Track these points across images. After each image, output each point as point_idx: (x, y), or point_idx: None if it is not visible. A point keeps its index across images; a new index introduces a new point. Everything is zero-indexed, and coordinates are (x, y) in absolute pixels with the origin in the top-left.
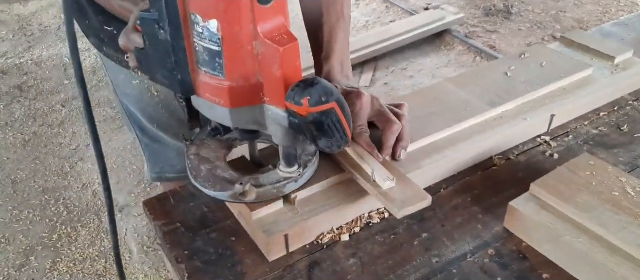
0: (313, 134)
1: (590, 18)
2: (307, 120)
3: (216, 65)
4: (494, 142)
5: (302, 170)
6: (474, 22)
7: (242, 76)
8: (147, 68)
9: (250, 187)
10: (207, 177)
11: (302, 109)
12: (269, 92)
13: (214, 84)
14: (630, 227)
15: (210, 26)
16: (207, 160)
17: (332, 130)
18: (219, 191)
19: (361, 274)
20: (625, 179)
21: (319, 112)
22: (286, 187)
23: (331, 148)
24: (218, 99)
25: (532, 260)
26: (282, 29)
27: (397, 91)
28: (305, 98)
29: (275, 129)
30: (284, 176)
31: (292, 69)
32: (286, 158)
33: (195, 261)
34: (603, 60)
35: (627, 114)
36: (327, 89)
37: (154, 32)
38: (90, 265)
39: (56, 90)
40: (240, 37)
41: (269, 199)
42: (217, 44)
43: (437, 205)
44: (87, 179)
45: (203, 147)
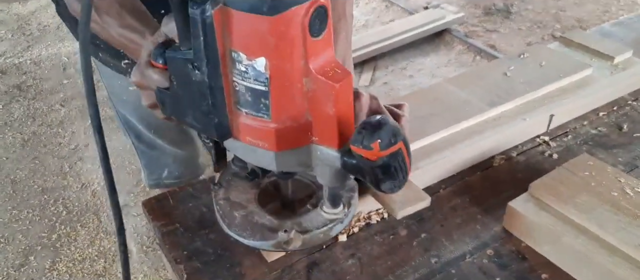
0: (377, 178)
1: (590, 17)
2: (374, 165)
3: (261, 107)
4: (493, 142)
5: (347, 210)
6: (473, 22)
7: (290, 117)
8: (173, 109)
9: (296, 233)
10: (243, 225)
11: (372, 153)
12: (319, 132)
13: (257, 126)
14: (629, 228)
15: (257, 65)
16: (239, 205)
17: (397, 171)
18: (260, 241)
19: (360, 274)
20: (624, 179)
21: (388, 155)
22: (333, 229)
23: (393, 190)
24: (262, 142)
25: (531, 260)
26: (333, 63)
27: (397, 91)
28: (376, 142)
29: (324, 170)
30: (330, 218)
31: (346, 106)
32: (332, 199)
33: (194, 262)
34: (602, 60)
35: (626, 114)
36: (395, 129)
37: (185, 72)
38: (90, 265)
39: (55, 90)
40: (291, 75)
41: (317, 244)
42: (264, 84)
43: (436, 205)
44: (86, 179)
45: (231, 189)
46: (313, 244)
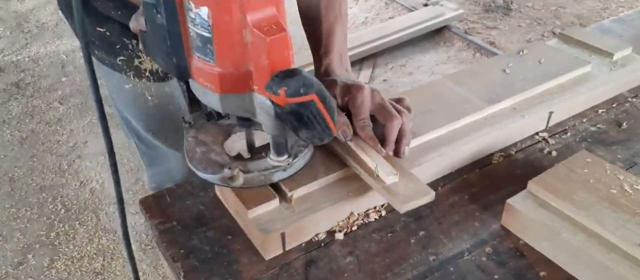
0: (293, 125)
1: (590, 14)
2: (285, 110)
3: (207, 51)
4: (491, 139)
5: (291, 160)
6: (473, 18)
7: (231, 63)
8: (149, 50)
9: (239, 172)
10: (201, 160)
11: (279, 99)
12: (258, 81)
13: (205, 70)
14: (627, 225)
15: (202, 13)
16: (203, 143)
17: (312, 122)
18: (210, 174)
19: (358, 272)
20: (623, 177)
21: (297, 104)
22: (274, 175)
23: (313, 140)
24: (209, 84)
25: (529, 257)
26: (272, 19)
27: (396, 88)
28: (282, 88)
29: (264, 118)
30: (273, 164)
31: (280, 59)
32: (275, 147)
33: (191, 259)
34: (601, 57)
35: (625, 111)
36: (307, 81)
37: (153, 16)
38: (88, 263)
39: (53, 88)
40: (230, 25)
41: (256, 185)
42: (208, 31)
43: (434, 203)
44: (84, 177)
45: (202, 130)
46: (253, 184)
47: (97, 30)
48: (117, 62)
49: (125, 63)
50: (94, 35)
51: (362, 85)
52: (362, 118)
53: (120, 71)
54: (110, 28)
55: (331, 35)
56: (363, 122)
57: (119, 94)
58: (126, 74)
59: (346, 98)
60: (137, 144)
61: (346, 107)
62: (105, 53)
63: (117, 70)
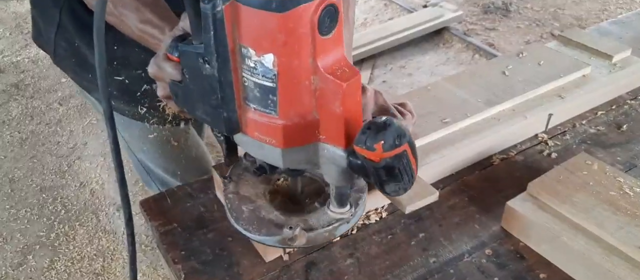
0: (381, 179)
1: (589, 15)
2: (377, 166)
3: (269, 103)
4: (491, 141)
5: (353, 210)
6: (472, 20)
7: (297, 114)
8: (184, 102)
9: (301, 231)
10: (250, 220)
11: (374, 154)
12: (326, 130)
13: (264, 122)
14: (627, 227)
15: (265, 61)
16: (247, 199)
17: (401, 174)
18: (266, 236)
19: (358, 274)
20: (622, 179)
21: (392, 157)
22: (338, 229)
23: (397, 192)
24: (269, 138)
25: (529, 260)
26: (342, 62)
27: (396, 89)
28: (379, 143)
29: (330, 169)
30: (336, 217)
31: (354, 105)
32: (339, 198)
33: (192, 261)
34: (601, 59)
35: (624, 113)
36: (400, 131)
37: (196, 65)
38: (88, 264)
39: (53, 88)
40: (299, 72)
41: (320, 242)
42: (272, 80)
43: (435, 205)
44: (84, 178)
45: (241, 183)
46: (317, 243)
47: (115, 80)
48: (139, 111)
49: (147, 111)
50: (110, 85)
51: (366, 88)
52: (364, 120)
53: (142, 120)
54: (129, 75)
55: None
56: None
57: (142, 145)
58: (149, 123)
59: None
60: (160, 188)
61: None
62: (125, 103)
63: (139, 119)
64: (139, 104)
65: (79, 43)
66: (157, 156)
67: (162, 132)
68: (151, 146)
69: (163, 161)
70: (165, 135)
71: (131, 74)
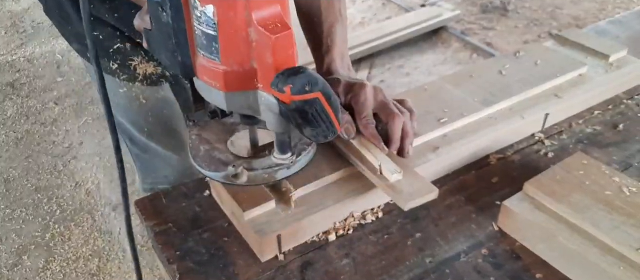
0: (297, 122)
1: (587, 15)
2: (290, 108)
3: (212, 49)
4: (488, 141)
5: (295, 158)
6: (470, 19)
7: (236, 61)
8: (153, 49)
9: (242, 169)
10: (204, 158)
11: (284, 96)
12: (262, 79)
13: (210, 67)
14: (622, 227)
15: (207, 11)
16: (207, 142)
17: (316, 120)
18: (213, 172)
19: (354, 274)
20: (618, 178)
21: (302, 101)
22: (278, 172)
23: (317, 137)
24: (214, 82)
25: (526, 259)
26: (277, 18)
27: (394, 88)
28: (287, 86)
29: (268, 116)
30: (277, 162)
31: (285, 57)
32: (279, 145)
33: (187, 262)
34: (597, 59)
35: (621, 113)
36: (312, 78)
37: (158, 14)
38: (84, 264)
39: (49, 88)
40: (235, 23)
41: (260, 183)
42: (213, 29)
43: (431, 204)
44: (80, 177)
45: (206, 129)
46: (257, 182)
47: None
48: (110, 66)
49: (118, 67)
50: (86, 39)
51: (365, 83)
52: (364, 116)
53: (113, 75)
54: (103, 31)
55: (331, 34)
56: (366, 120)
57: (113, 98)
58: (120, 78)
59: (349, 96)
60: (129, 147)
61: (349, 105)
62: (100, 57)
63: (110, 74)
64: (110, 59)
65: None
66: (127, 111)
67: (131, 88)
68: (120, 100)
69: (132, 116)
70: (135, 92)
71: (105, 30)
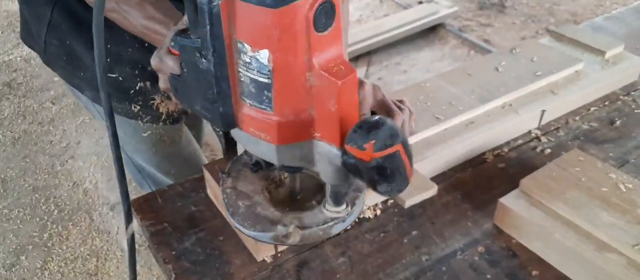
0: (373, 179)
1: (584, 11)
2: (369, 166)
3: (264, 99)
4: (484, 138)
5: (350, 209)
6: (467, 16)
7: (292, 111)
8: (183, 96)
9: (295, 229)
10: (246, 215)
11: (365, 153)
12: (322, 128)
13: (260, 118)
14: (619, 223)
15: (260, 56)
16: (245, 195)
17: (394, 174)
18: (260, 232)
19: (350, 273)
20: (614, 175)
21: (383, 157)
22: (333, 228)
23: (391, 193)
24: (264, 134)
25: (522, 257)
26: (339, 59)
27: (391, 86)
28: (370, 142)
29: (325, 167)
30: (331, 216)
31: (349, 103)
32: (334, 197)
33: (183, 261)
34: (594, 55)
35: (617, 109)
36: (393, 130)
37: (194, 60)
38: (82, 264)
39: (46, 87)
40: (294, 69)
41: (314, 241)
42: (267, 76)
43: (427, 202)
44: (77, 177)
45: (239, 179)
46: (311, 241)
47: (109, 77)
48: (132, 109)
49: (141, 109)
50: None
51: (364, 82)
52: (362, 114)
53: (136, 118)
54: (123, 72)
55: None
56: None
57: (136, 143)
58: (143, 121)
59: None
60: (151, 187)
61: None
62: (118, 101)
63: (133, 117)
64: (132, 101)
65: (70, 41)
66: (150, 155)
67: (155, 130)
68: (144, 144)
69: (156, 159)
70: (159, 134)
71: (125, 70)
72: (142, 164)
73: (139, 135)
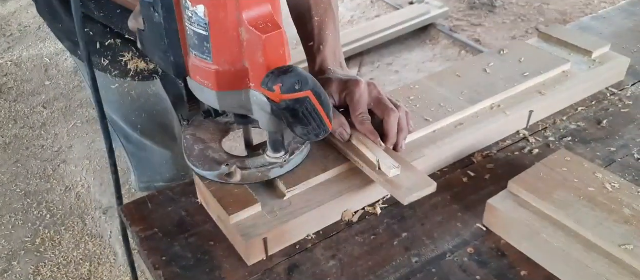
0: (289, 121)
1: (573, 10)
2: (280, 107)
3: (204, 49)
4: (473, 139)
5: (288, 157)
6: (458, 16)
7: (228, 61)
8: (147, 49)
9: (236, 168)
10: (199, 157)
11: (274, 95)
12: (254, 78)
13: (203, 67)
14: (605, 223)
15: (198, 11)
16: (201, 141)
17: (307, 119)
18: (207, 171)
19: (340, 276)
20: (601, 175)
21: (292, 100)
22: (271, 171)
23: (308, 136)
24: (207, 82)
25: (511, 257)
26: (268, 17)
27: (383, 86)
28: (277, 85)
29: (260, 115)
30: (270, 161)
31: (276, 56)
32: (272, 144)
33: (173, 267)
34: (581, 55)
35: (604, 109)
36: (302, 77)
37: (151, 15)
38: (75, 269)
39: (37, 92)
40: (226, 23)
41: (254, 181)
42: (205, 29)
43: (417, 204)
44: (70, 182)
45: (200, 128)
46: (250, 181)
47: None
48: (102, 63)
49: (110, 63)
50: (77, 36)
51: (359, 80)
52: (360, 113)
53: (105, 71)
54: (94, 28)
55: (323, 30)
56: (362, 117)
57: (105, 95)
58: (111, 75)
59: (344, 94)
60: (124, 145)
61: (344, 103)
62: (91, 54)
63: (102, 70)
64: (102, 56)
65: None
66: (120, 108)
67: (123, 84)
68: (113, 96)
69: (126, 113)
70: (127, 88)
71: (95, 27)
72: (113, 117)
73: (108, 88)
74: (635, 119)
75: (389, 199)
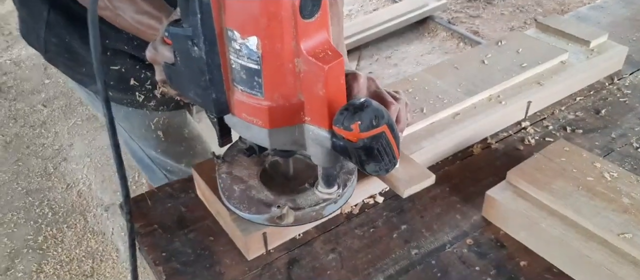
0: (361, 159)
1: (571, 0)
2: (356, 146)
3: (254, 84)
4: (471, 131)
5: (341, 191)
6: (456, 8)
7: (282, 95)
8: (177, 84)
9: (289, 210)
10: (241, 199)
11: (351, 134)
12: (311, 112)
13: (251, 104)
14: (604, 212)
15: (250, 43)
16: (239, 180)
17: (381, 155)
18: (255, 214)
19: (340, 269)
20: (599, 164)
21: (369, 137)
22: (325, 209)
23: (379, 172)
24: (255, 119)
25: (510, 247)
26: (326, 45)
27: (382, 80)
28: (355, 123)
29: (316, 150)
30: (323, 197)
31: (337, 88)
32: (326, 179)
33: (173, 262)
34: (578, 45)
35: (602, 98)
36: (378, 112)
37: (186, 48)
38: (77, 266)
39: (36, 90)
40: (282, 55)
41: (308, 222)
42: (256, 62)
43: (416, 196)
44: (71, 179)
45: (234, 164)
46: (305, 221)
47: (111, 69)
48: (137, 99)
49: (145, 98)
50: (107, 76)
51: (358, 74)
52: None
53: (141, 107)
54: (125, 64)
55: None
56: None
57: (145, 132)
58: (149, 109)
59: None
60: (168, 178)
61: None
62: (122, 92)
63: (138, 107)
64: (136, 91)
65: (69, 38)
66: (159, 142)
67: (161, 117)
68: (152, 133)
69: (165, 146)
70: (165, 120)
71: (126, 62)
72: (152, 153)
73: (146, 125)
74: (634, 108)
75: (388, 192)
